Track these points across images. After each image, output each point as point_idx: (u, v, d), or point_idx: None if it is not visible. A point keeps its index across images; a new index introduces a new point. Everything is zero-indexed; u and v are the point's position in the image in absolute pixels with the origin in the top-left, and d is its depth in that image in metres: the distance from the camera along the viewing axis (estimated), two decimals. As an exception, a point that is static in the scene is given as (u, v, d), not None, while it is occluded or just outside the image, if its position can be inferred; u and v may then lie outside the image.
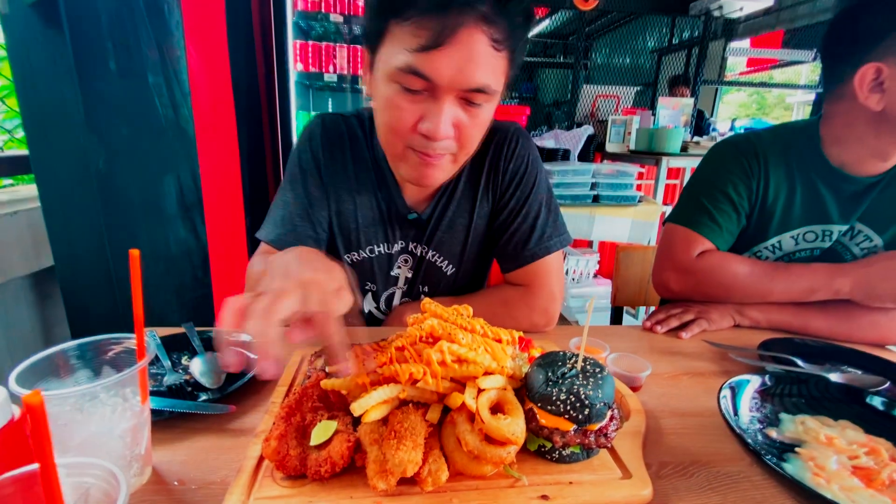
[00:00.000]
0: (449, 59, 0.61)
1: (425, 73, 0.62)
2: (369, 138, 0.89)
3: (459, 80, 0.63)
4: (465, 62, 0.62)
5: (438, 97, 0.65)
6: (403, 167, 0.75)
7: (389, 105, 0.67)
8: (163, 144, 1.47)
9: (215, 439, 0.57)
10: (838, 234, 0.99)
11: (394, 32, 0.64)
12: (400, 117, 0.67)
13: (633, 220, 2.47)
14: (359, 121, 0.90)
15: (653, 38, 4.80)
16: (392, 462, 0.45)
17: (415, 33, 0.61)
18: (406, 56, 0.62)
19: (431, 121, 0.66)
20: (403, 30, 0.62)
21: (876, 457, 0.55)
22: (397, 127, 0.69)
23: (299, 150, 0.88)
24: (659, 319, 0.98)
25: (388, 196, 0.89)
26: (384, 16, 0.64)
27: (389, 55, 0.65)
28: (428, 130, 0.67)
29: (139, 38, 1.34)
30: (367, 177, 0.89)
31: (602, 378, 0.52)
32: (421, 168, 0.73)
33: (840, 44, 0.91)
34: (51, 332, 1.43)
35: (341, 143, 0.88)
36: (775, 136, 1.02)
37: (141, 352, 0.47)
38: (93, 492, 0.36)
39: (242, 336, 0.61)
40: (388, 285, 0.99)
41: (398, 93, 0.66)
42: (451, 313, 0.60)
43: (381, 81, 0.68)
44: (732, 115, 11.34)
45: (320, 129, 0.88)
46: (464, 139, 0.71)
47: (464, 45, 0.61)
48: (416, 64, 0.62)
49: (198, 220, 1.62)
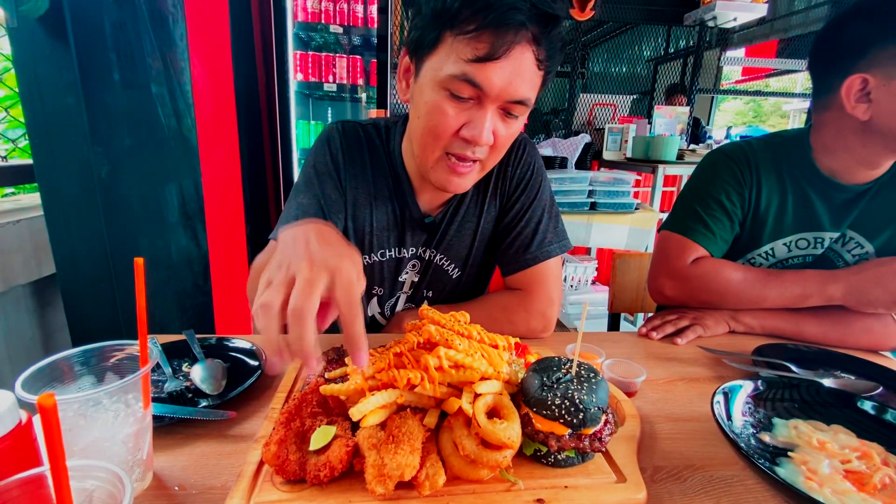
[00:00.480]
0: (501, 72, 0.66)
1: (478, 82, 0.67)
2: (386, 146, 0.91)
3: (507, 91, 0.68)
4: (514, 76, 0.67)
5: (484, 105, 0.70)
6: (435, 172, 0.78)
7: (436, 109, 0.71)
8: (165, 154, 1.49)
9: (216, 445, 0.58)
10: (830, 241, 1.01)
11: (448, 43, 0.68)
12: (445, 122, 0.71)
13: (630, 228, 2.49)
14: (375, 129, 0.93)
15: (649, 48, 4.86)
16: (390, 466, 0.45)
17: (472, 45, 0.65)
18: (462, 65, 0.66)
19: (476, 127, 0.70)
20: (459, 41, 0.66)
21: (868, 461, 0.56)
22: (440, 131, 0.72)
23: (316, 154, 0.89)
24: (654, 326, 0.99)
25: (403, 201, 0.91)
26: (440, 27, 0.68)
27: (441, 63, 0.69)
28: (472, 136, 0.71)
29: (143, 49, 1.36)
30: (385, 183, 0.91)
31: (596, 383, 0.53)
32: (451, 175, 0.77)
33: (827, 55, 0.93)
34: (52, 340, 1.43)
35: (360, 149, 0.90)
36: (767, 146, 1.04)
37: (144, 358, 0.48)
38: (96, 495, 0.37)
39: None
40: (394, 290, 1.01)
41: (446, 99, 0.70)
42: (449, 320, 0.61)
43: (427, 87, 0.72)
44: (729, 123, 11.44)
45: (339, 133, 0.89)
46: (496, 147, 0.76)
47: (515, 60, 0.66)
48: (471, 73, 0.66)
49: (199, 228, 1.63)
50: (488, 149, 0.76)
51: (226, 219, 1.83)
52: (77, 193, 1.28)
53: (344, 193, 0.88)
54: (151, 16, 1.37)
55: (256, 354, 0.78)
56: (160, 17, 1.41)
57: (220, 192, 1.78)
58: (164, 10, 1.42)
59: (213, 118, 1.71)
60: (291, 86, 2.28)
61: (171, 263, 1.55)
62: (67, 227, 1.29)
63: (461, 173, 0.77)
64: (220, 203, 1.77)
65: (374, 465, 0.47)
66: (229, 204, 1.87)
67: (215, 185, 1.72)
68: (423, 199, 0.92)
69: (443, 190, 0.82)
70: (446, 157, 0.76)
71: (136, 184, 1.40)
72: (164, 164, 1.50)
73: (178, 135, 1.52)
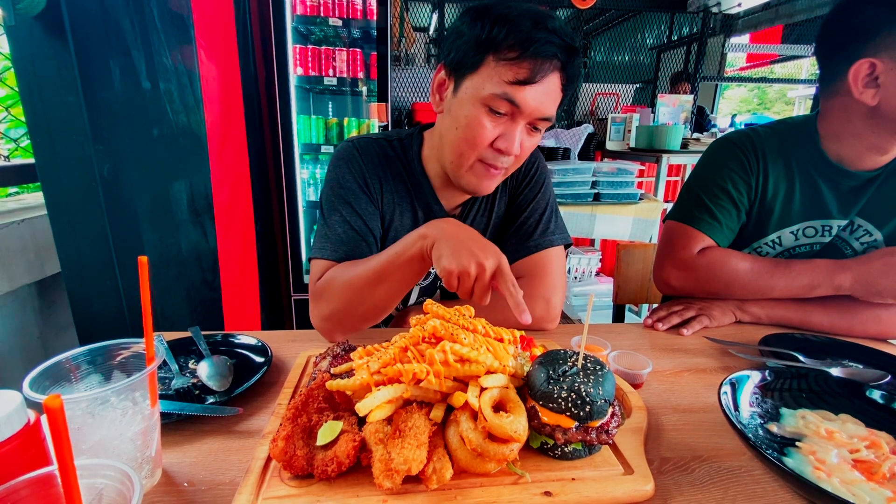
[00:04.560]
0: (535, 93, 0.77)
1: (517, 101, 0.76)
2: (403, 156, 0.98)
3: (539, 110, 0.78)
4: (545, 96, 0.78)
5: (516, 121, 0.80)
6: (467, 177, 0.87)
7: (475, 122, 0.80)
8: (174, 150, 1.49)
9: (223, 441, 0.58)
10: (838, 228, 0.99)
11: (490, 65, 0.77)
12: (483, 134, 0.80)
13: (634, 218, 2.47)
14: (388, 142, 0.99)
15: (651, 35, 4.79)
16: (397, 461, 0.46)
17: (514, 70, 0.75)
18: (504, 86, 0.76)
19: (508, 139, 0.80)
20: (501, 65, 0.76)
21: (876, 450, 0.56)
22: (478, 141, 0.81)
23: (341, 173, 0.93)
24: (660, 317, 0.98)
25: (425, 205, 0.98)
26: (483, 51, 0.77)
27: (483, 82, 0.78)
28: (506, 147, 0.81)
29: (151, 45, 1.35)
30: (406, 189, 0.97)
31: (602, 375, 0.53)
32: (484, 179, 0.86)
33: (835, 40, 0.91)
34: (58, 339, 1.45)
35: (378, 162, 0.96)
36: (774, 133, 1.02)
37: (150, 356, 0.48)
38: (106, 493, 0.37)
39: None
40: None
41: (485, 114, 0.79)
42: (453, 314, 0.61)
43: (468, 103, 0.80)
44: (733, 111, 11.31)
45: (356, 151, 0.95)
46: (521, 156, 0.86)
47: (548, 84, 0.77)
48: (511, 93, 0.76)
49: (208, 224, 1.63)
50: (513, 158, 0.84)
51: (235, 215, 1.83)
52: (80, 192, 1.28)
53: (378, 206, 0.95)
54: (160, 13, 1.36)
55: (264, 350, 0.79)
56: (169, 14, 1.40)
57: (230, 189, 1.77)
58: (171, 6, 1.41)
59: (222, 114, 1.70)
60: (291, 80, 2.26)
61: (180, 260, 1.55)
62: (71, 225, 1.29)
63: (493, 176, 0.86)
64: (230, 199, 1.77)
65: (381, 460, 0.47)
66: (238, 200, 1.87)
67: (224, 182, 1.72)
68: (444, 202, 0.99)
69: (472, 192, 0.90)
70: (479, 162, 0.85)
71: (143, 181, 1.40)
72: (174, 161, 1.49)
73: (187, 131, 1.51)
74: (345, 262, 0.85)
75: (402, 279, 0.78)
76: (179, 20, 1.45)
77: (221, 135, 1.69)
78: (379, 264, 0.77)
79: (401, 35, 3.42)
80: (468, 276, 0.66)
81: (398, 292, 0.80)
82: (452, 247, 0.68)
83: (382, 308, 0.82)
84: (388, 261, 0.76)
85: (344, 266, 0.84)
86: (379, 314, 0.83)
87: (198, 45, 1.51)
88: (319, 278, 0.84)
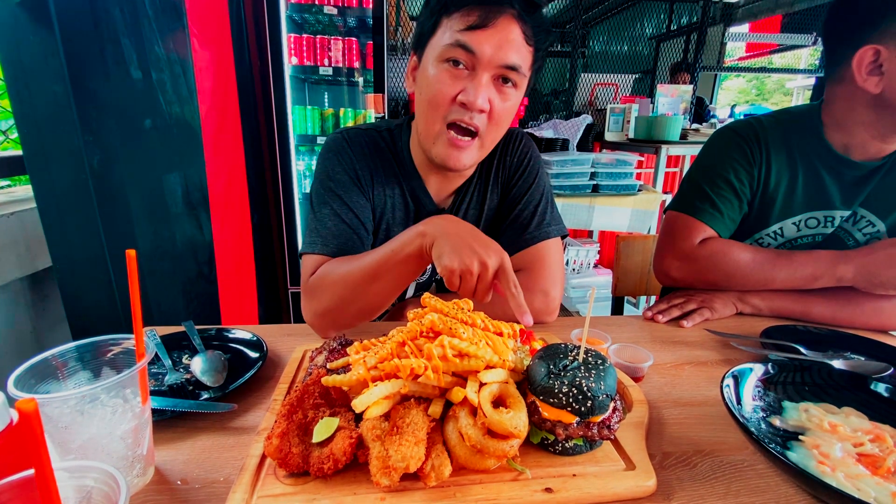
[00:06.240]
0: (490, 38, 0.75)
1: (471, 46, 0.75)
2: (393, 146, 0.96)
3: (498, 56, 0.76)
4: (503, 42, 0.76)
5: (478, 72, 0.77)
6: (436, 148, 0.84)
7: (435, 80, 0.79)
8: (168, 141, 1.46)
9: (217, 438, 0.57)
10: (840, 219, 0.98)
11: (443, 24, 0.78)
12: (443, 90, 0.78)
13: (633, 210, 2.46)
14: (377, 133, 0.97)
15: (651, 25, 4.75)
16: (395, 458, 0.45)
17: (464, 18, 0.75)
18: (455, 35, 0.76)
19: (471, 91, 0.77)
20: (452, 19, 0.76)
21: (881, 444, 0.55)
22: (440, 98, 0.79)
23: (331, 165, 0.91)
24: (661, 309, 0.97)
25: (415, 196, 0.96)
26: (436, 15, 0.78)
27: (439, 40, 0.78)
28: (468, 100, 0.77)
29: (142, 34, 1.32)
30: (396, 181, 0.95)
31: (604, 370, 0.52)
32: (451, 149, 0.83)
33: (840, 26, 0.89)
34: (51, 334, 1.43)
35: (368, 153, 0.94)
36: (777, 122, 1.01)
37: (140, 353, 0.47)
38: (94, 494, 0.36)
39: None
40: None
41: (445, 70, 0.78)
42: (452, 308, 0.60)
43: (429, 66, 0.80)
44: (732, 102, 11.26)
45: (346, 143, 0.93)
46: (494, 118, 0.81)
47: (503, 29, 0.76)
48: (464, 39, 0.75)
49: (203, 217, 1.60)
50: (487, 121, 0.81)
51: (231, 207, 1.80)
52: (70, 184, 1.26)
53: (369, 199, 0.93)
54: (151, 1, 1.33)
55: (259, 345, 0.77)
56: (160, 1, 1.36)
57: (225, 180, 1.75)
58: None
59: (216, 104, 1.67)
60: (286, 70, 2.22)
61: (175, 254, 1.52)
62: (61, 218, 1.27)
63: (461, 146, 0.82)
64: (225, 191, 1.74)
65: (378, 457, 0.46)
66: (234, 192, 1.85)
67: (220, 173, 1.69)
68: (433, 191, 0.96)
69: (444, 167, 0.85)
70: (447, 130, 0.81)
71: (135, 173, 1.37)
72: (167, 153, 1.46)
73: (181, 121, 1.48)
74: (339, 258, 0.83)
75: (398, 277, 0.76)
76: (171, 7, 1.41)
77: (216, 126, 1.66)
78: (375, 261, 0.75)
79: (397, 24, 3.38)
80: (471, 274, 0.65)
81: (394, 290, 0.78)
82: (454, 244, 0.66)
83: (378, 306, 0.80)
84: (385, 258, 0.74)
85: (338, 262, 0.82)
86: (374, 311, 0.81)
87: (190, 34, 1.48)
88: (312, 274, 0.83)
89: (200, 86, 1.54)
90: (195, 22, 1.49)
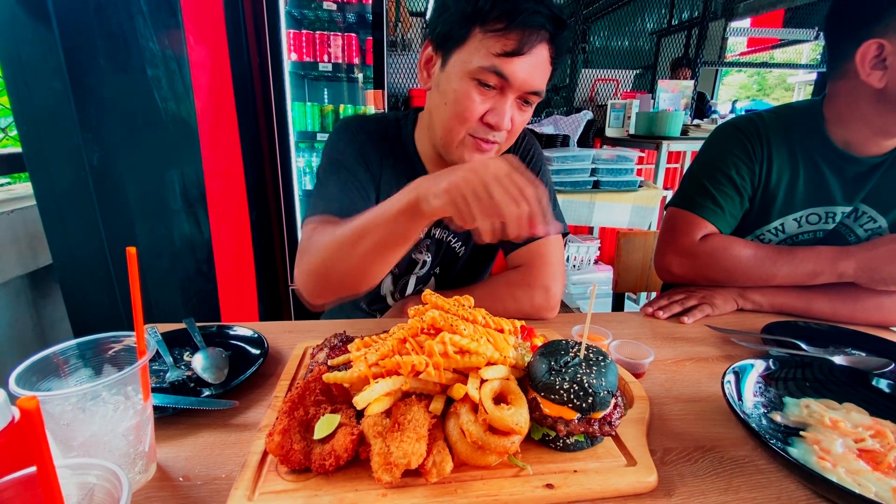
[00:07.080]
0: (524, 65, 0.75)
1: (505, 74, 0.75)
2: (398, 136, 0.96)
3: (528, 83, 0.77)
4: (534, 69, 0.77)
5: (506, 95, 0.78)
6: (458, 152, 0.85)
7: (464, 96, 0.78)
8: (164, 138, 1.45)
9: (219, 434, 0.57)
10: (842, 215, 0.98)
11: (477, 38, 0.75)
12: (472, 108, 0.78)
13: (633, 206, 2.45)
14: (385, 122, 0.98)
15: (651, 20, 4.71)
16: (396, 454, 0.45)
17: (501, 42, 0.74)
18: (491, 58, 0.74)
19: (498, 113, 0.78)
20: (489, 37, 0.74)
21: (882, 439, 0.55)
22: (468, 115, 0.79)
23: (340, 143, 0.91)
24: (661, 305, 0.97)
25: None
26: (469, 24, 0.75)
27: (470, 55, 0.76)
28: (495, 122, 0.79)
29: (137, 30, 1.31)
30: (402, 170, 0.95)
31: (605, 366, 0.52)
32: (475, 153, 0.84)
33: (843, 21, 0.89)
34: (54, 331, 1.43)
35: (376, 140, 0.95)
36: (778, 118, 1.00)
37: (141, 350, 0.47)
38: (97, 491, 0.36)
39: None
40: (409, 270, 1.05)
41: (474, 88, 0.77)
42: (453, 304, 0.60)
43: (455, 77, 0.78)
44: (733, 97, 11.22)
45: (357, 128, 0.94)
46: (512, 132, 0.84)
47: (536, 55, 0.76)
48: (499, 65, 0.74)
49: (201, 214, 1.60)
50: (505, 133, 0.83)
51: (229, 204, 1.80)
52: (69, 182, 1.25)
53: (376, 185, 0.93)
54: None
55: (260, 342, 0.77)
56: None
57: (222, 177, 1.74)
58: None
59: (212, 101, 1.66)
60: (286, 66, 2.22)
61: (173, 251, 1.52)
62: (61, 216, 1.27)
63: (485, 150, 0.84)
64: (223, 188, 1.74)
65: (380, 454, 0.46)
66: (231, 189, 1.84)
67: (217, 170, 1.68)
68: None
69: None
70: (469, 137, 0.83)
71: (133, 170, 1.37)
72: (164, 150, 1.46)
73: (177, 118, 1.48)
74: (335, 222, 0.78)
75: (387, 237, 0.69)
76: (166, 3, 1.40)
77: (212, 122, 1.66)
78: (365, 219, 0.70)
79: (397, 20, 3.35)
80: (477, 182, 0.56)
81: (382, 254, 0.71)
82: (447, 172, 0.61)
83: (363, 271, 0.73)
84: (374, 215, 0.68)
85: (333, 225, 0.77)
86: (359, 280, 0.75)
87: (186, 30, 1.47)
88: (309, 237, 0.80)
89: (196, 82, 1.53)
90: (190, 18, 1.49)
